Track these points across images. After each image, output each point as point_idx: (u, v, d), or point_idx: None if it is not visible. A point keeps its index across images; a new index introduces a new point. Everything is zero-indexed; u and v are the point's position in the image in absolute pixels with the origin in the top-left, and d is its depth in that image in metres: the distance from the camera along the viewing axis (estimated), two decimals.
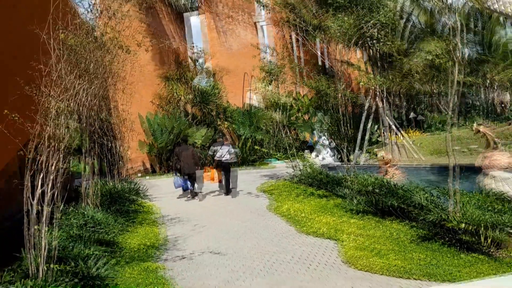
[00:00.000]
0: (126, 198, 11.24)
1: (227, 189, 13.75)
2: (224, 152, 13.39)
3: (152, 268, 6.96)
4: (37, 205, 5.21)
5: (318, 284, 5.94)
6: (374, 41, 14.92)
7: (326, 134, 18.12)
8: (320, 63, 27.53)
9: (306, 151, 18.13)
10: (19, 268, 5.34)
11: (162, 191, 15.65)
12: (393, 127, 19.25)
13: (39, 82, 5.56)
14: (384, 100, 19.55)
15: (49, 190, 5.42)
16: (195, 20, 26.54)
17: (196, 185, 13.70)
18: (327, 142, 16.60)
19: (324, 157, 16.29)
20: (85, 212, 7.92)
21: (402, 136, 19.77)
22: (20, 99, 5.55)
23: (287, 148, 15.57)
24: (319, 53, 25.76)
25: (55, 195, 5.44)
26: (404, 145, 19.02)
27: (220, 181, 14.04)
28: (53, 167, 5.46)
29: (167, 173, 21.78)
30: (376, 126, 26.62)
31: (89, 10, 9.69)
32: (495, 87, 24.82)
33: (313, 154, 17.01)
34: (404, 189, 8.80)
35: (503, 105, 26.32)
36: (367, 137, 21.25)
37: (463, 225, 6.64)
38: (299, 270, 6.53)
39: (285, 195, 12.16)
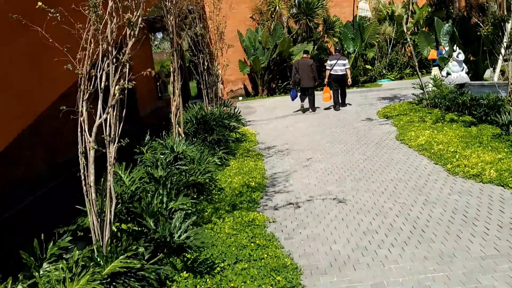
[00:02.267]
0: (225, 126, 9.63)
1: (341, 103, 13.38)
2: (339, 65, 13.06)
3: (259, 221, 5.26)
4: (94, 142, 3.57)
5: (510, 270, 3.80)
6: None
7: (458, 48, 14.87)
8: None
9: (434, 68, 15.11)
10: (79, 229, 3.85)
11: (266, 116, 13.94)
12: None
13: None
14: None
15: (113, 120, 3.73)
16: None
17: (309, 101, 13.38)
18: (462, 57, 13.48)
19: (458, 74, 13.27)
20: (175, 146, 6.33)
21: None
22: None
23: (416, 65, 12.78)
24: None
25: (118, 127, 3.73)
26: None
27: (333, 99, 13.33)
28: (115, 87, 3.72)
29: (270, 95, 20.03)
30: None
31: None
32: None
33: (444, 72, 14.01)
34: None
35: None
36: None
37: None
38: (473, 238, 4.37)
39: (418, 122, 9.71)
